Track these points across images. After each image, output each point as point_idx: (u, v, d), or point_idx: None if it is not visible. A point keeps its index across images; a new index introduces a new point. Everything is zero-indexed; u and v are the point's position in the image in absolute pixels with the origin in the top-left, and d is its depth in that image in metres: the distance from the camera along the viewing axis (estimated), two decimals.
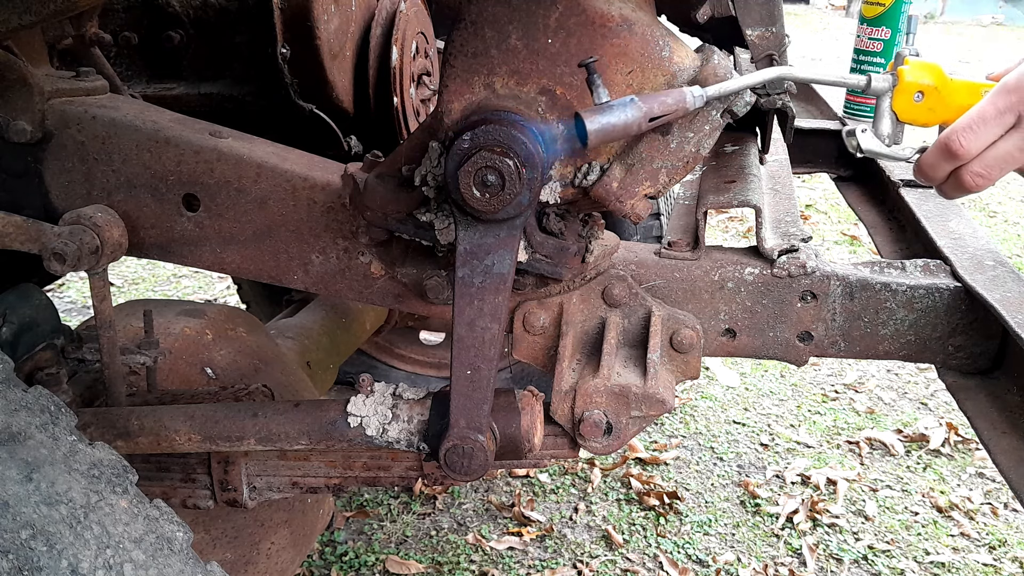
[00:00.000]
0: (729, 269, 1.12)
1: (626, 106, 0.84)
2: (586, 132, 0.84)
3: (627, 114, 0.84)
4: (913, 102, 0.89)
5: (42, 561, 0.76)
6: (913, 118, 0.89)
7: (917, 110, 0.89)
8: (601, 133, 0.84)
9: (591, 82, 0.85)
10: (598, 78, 0.85)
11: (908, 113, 0.89)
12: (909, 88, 0.88)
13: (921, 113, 0.89)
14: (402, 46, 1.78)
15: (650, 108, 0.85)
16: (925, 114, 0.89)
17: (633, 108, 0.84)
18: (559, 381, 1.05)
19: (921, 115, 0.89)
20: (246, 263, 1.15)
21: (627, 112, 0.84)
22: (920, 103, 0.88)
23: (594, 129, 0.84)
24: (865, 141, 0.93)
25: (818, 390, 3.18)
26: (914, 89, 0.88)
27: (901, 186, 1.52)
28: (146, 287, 3.97)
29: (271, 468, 1.19)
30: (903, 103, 0.89)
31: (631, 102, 0.84)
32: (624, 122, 0.84)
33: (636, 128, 0.85)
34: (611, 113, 0.84)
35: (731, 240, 4.63)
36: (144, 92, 1.61)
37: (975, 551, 2.34)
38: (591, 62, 0.84)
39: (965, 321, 1.10)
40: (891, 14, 1.88)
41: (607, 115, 0.84)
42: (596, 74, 0.85)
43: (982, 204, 5.24)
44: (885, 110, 0.90)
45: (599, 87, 0.84)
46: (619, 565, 2.27)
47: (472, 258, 0.92)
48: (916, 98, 0.88)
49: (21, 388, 0.90)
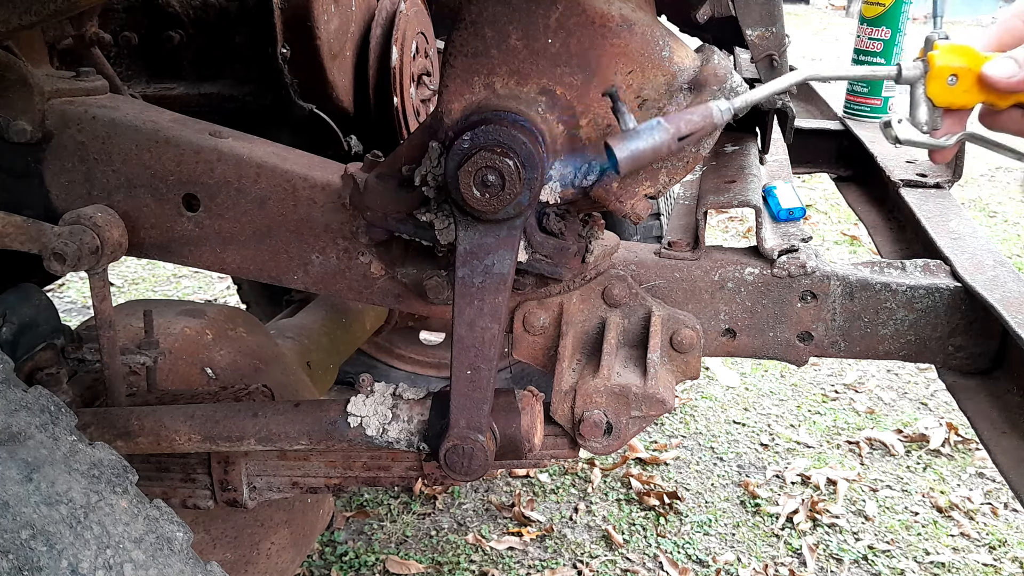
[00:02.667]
0: (729, 269, 1.12)
1: (653, 130, 0.83)
2: (617, 161, 0.83)
3: (655, 137, 0.83)
4: (947, 86, 0.86)
5: (42, 561, 0.76)
6: (950, 102, 0.87)
7: (953, 93, 0.86)
8: (632, 160, 0.83)
9: (616, 109, 0.84)
10: (623, 105, 0.84)
11: (944, 97, 0.86)
12: (941, 73, 0.86)
13: (958, 96, 0.86)
14: (402, 46, 1.78)
15: (677, 128, 0.84)
16: (962, 96, 0.86)
17: (660, 131, 0.83)
18: (559, 381, 1.05)
19: (958, 98, 0.86)
20: (246, 263, 1.15)
21: (655, 136, 0.83)
22: (955, 86, 0.86)
23: (624, 157, 0.83)
24: (903, 131, 0.89)
25: (818, 390, 3.18)
26: (947, 73, 0.85)
27: (901, 186, 1.52)
28: (146, 287, 3.97)
29: (271, 468, 1.19)
30: (937, 88, 0.86)
31: (658, 125, 0.83)
32: (653, 146, 0.83)
33: (666, 150, 0.84)
34: (639, 139, 0.83)
35: (731, 240, 4.63)
36: (144, 92, 1.61)
37: (975, 551, 2.34)
38: (614, 91, 0.84)
39: (965, 321, 1.10)
40: (891, 14, 1.88)
41: (636, 141, 0.83)
42: (621, 101, 0.84)
43: (982, 204, 5.24)
44: (920, 97, 0.87)
45: (624, 114, 0.84)
46: (619, 565, 2.27)
47: (472, 258, 0.92)
48: (950, 81, 0.86)
49: (21, 388, 0.90)
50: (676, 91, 0.90)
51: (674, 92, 0.90)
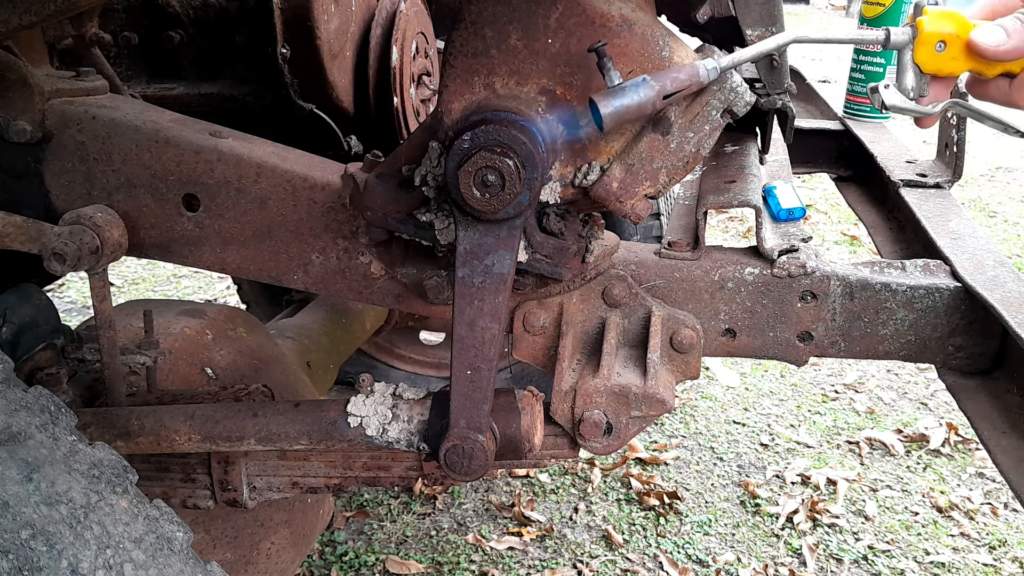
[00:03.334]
0: (729, 269, 1.12)
1: (638, 86, 0.83)
2: (601, 116, 0.84)
3: (640, 94, 0.83)
4: (935, 52, 0.85)
5: (42, 561, 0.76)
6: (937, 68, 0.86)
7: (940, 60, 0.85)
8: (616, 116, 0.84)
9: (602, 65, 0.84)
10: (609, 61, 0.84)
11: (931, 64, 0.86)
12: (930, 39, 0.85)
13: (945, 62, 0.86)
14: (402, 46, 1.78)
15: (663, 86, 0.84)
16: (949, 63, 0.86)
17: (646, 87, 0.83)
18: (559, 381, 1.05)
19: (945, 64, 0.86)
20: (246, 263, 1.15)
21: (640, 92, 0.83)
22: (943, 52, 0.85)
23: (608, 112, 0.83)
24: (889, 96, 0.89)
25: (818, 390, 3.18)
26: (935, 39, 0.85)
27: (901, 186, 1.52)
28: (146, 287, 3.97)
29: (271, 468, 1.19)
30: (925, 54, 0.86)
31: (643, 82, 0.84)
32: (638, 102, 0.83)
33: (651, 107, 0.84)
34: (624, 95, 0.83)
35: (731, 240, 4.63)
36: (144, 92, 1.61)
37: (975, 551, 2.34)
38: (601, 46, 0.84)
39: (965, 321, 1.10)
40: (891, 14, 1.88)
41: (621, 97, 0.83)
42: (607, 57, 0.84)
43: (982, 204, 5.24)
44: (907, 63, 0.87)
45: (610, 70, 0.84)
46: (619, 565, 2.27)
47: (472, 258, 0.92)
48: (938, 48, 0.85)
49: (21, 388, 0.90)
50: None
51: None
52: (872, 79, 1.96)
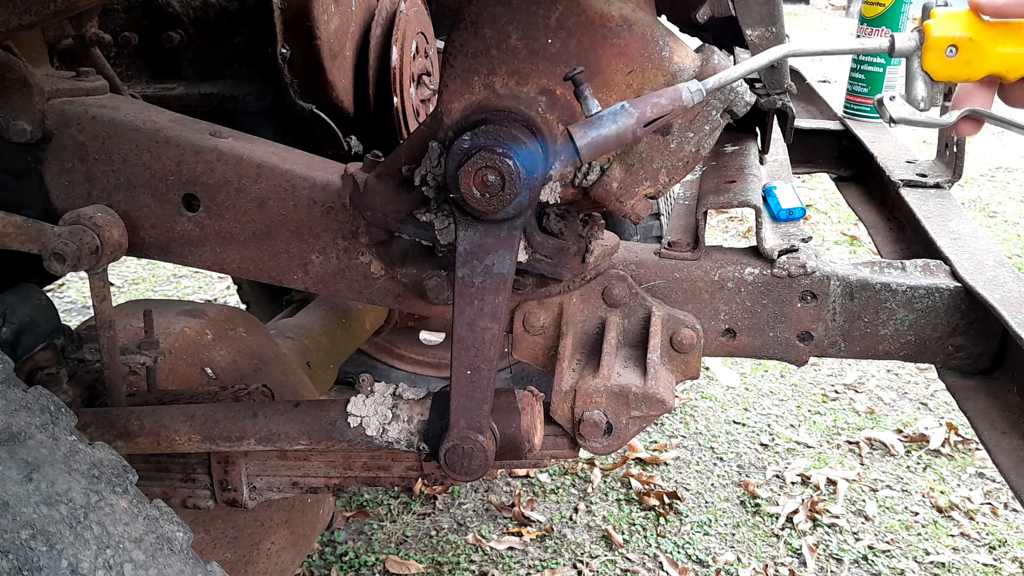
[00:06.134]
0: (729, 269, 1.12)
1: (617, 115, 0.81)
2: (577, 148, 0.81)
3: (618, 123, 0.81)
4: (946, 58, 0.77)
5: (42, 561, 0.76)
6: (950, 75, 0.78)
7: (953, 66, 0.77)
8: (593, 147, 0.81)
9: (579, 94, 0.82)
10: (586, 89, 0.82)
11: (942, 71, 0.78)
12: (939, 44, 0.77)
13: (958, 69, 0.77)
14: (402, 46, 1.78)
15: (643, 113, 0.81)
16: (963, 69, 0.77)
17: (624, 116, 0.81)
18: (559, 381, 1.05)
19: (959, 71, 0.77)
20: (246, 263, 1.15)
21: (618, 121, 0.81)
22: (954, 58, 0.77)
23: (584, 144, 0.81)
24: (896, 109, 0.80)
25: (818, 390, 3.18)
26: (945, 44, 0.76)
27: (901, 186, 1.52)
28: (146, 287, 3.97)
29: (271, 468, 1.19)
30: (934, 61, 0.77)
31: (622, 110, 0.81)
32: (616, 132, 0.81)
33: (631, 136, 0.82)
34: (601, 125, 0.81)
35: (731, 240, 4.63)
36: (144, 92, 1.61)
37: (975, 551, 2.34)
38: (576, 74, 0.81)
39: (965, 321, 1.10)
40: (891, 14, 1.88)
41: (598, 128, 0.81)
42: (583, 85, 0.82)
43: (982, 204, 5.24)
44: (916, 72, 0.78)
45: (587, 99, 0.82)
46: (619, 565, 2.27)
47: (472, 258, 0.92)
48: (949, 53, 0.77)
49: (21, 388, 0.90)
50: None
51: None
52: (872, 79, 1.96)
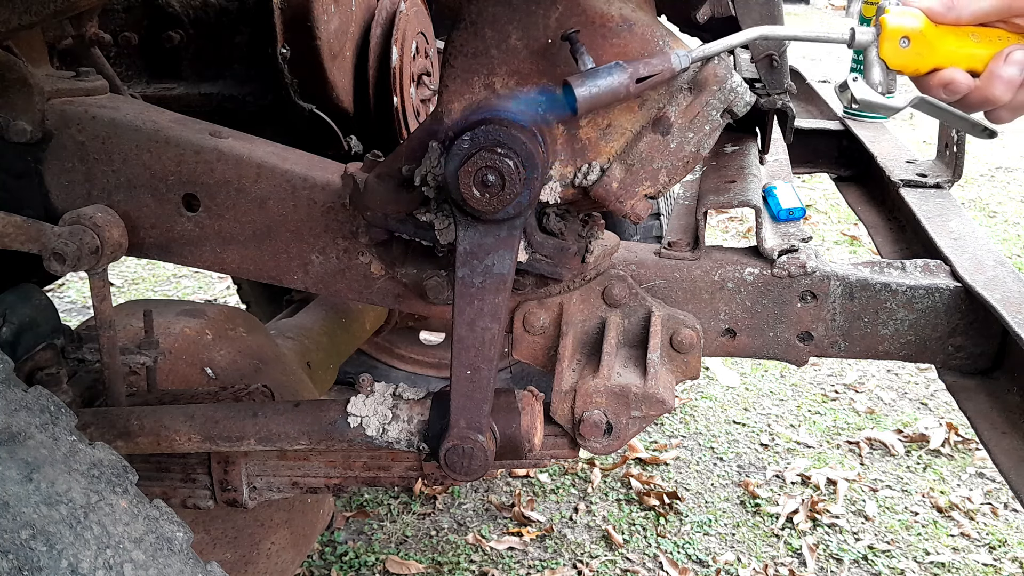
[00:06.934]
0: (729, 269, 1.12)
1: (611, 70, 0.84)
2: (575, 98, 0.84)
3: (613, 78, 0.84)
4: (900, 48, 0.85)
5: (42, 561, 0.76)
6: (903, 64, 0.86)
7: (905, 56, 0.85)
8: (590, 98, 0.84)
9: (575, 51, 0.85)
10: (582, 46, 0.85)
11: (896, 60, 0.86)
12: (893, 34, 0.85)
13: (910, 59, 0.85)
14: (402, 46, 1.78)
15: (635, 70, 0.85)
16: (914, 59, 0.85)
17: (619, 71, 0.84)
18: (559, 381, 1.05)
19: (910, 61, 0.86)
20: (246, 263, 1.15)
21: (613, 76, 0.84)
22: (907, 49, 0.85)
23: (583, 94, 0.84)
24: (859, 90, 0.88)
25: (818, 390, 3.18)
26: (899, 35, 0.85)
27: (901, 186, 1.53)
28: (146, 287, 3.97)
29: (271, 468, 1.19)
30: (890, 50, 0.86)
31: (616, 65, 0.85)
32: (611, 86, 0.84)
33: (624, 91, 0.85)
34: (598, 77, 0.84)
35: (731, 240, 4.63)
36: (144, 92, 1.61)
37: (975, 551, 2.34)
38: (573, 32, 0.85)
39: (965, 321, 1.10)
40: None
41: (594, 78, 0.84)
42: (579, 43, 0.85)
43: (982, 204, 5.24)
44: (874, 59, 0.87)
45: (583, 55, 0.85)
46: (619, 565, 2.27)
47: (472, 258, 0.92)
48: (902, 44, 0.85)
49: (21, 388, 0.90)
50: (676, 91, 0.90)
51: (674, 92, 0.90)
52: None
